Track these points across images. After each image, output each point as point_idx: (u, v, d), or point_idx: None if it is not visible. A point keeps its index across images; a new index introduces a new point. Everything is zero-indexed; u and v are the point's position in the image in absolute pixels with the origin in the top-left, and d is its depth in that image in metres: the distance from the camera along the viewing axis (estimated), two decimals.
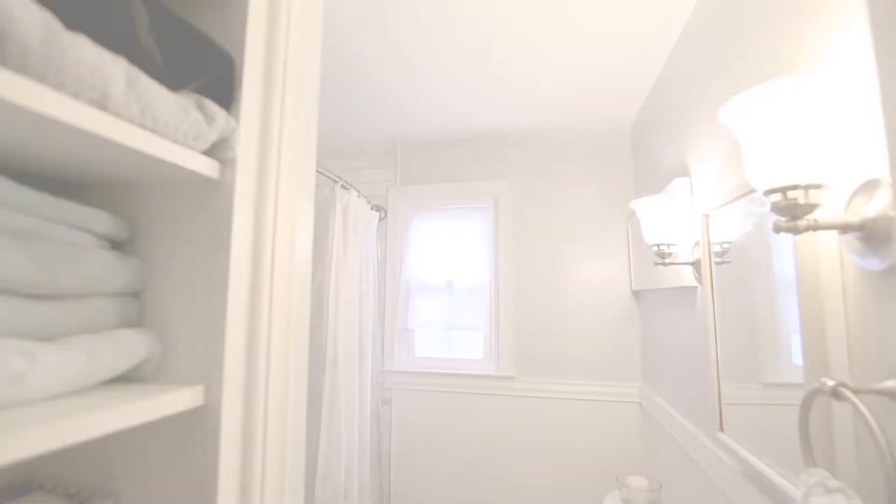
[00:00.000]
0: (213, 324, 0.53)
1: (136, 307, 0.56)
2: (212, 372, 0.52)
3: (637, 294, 2.03)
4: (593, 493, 1.97)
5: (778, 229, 0.57)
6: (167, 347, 0.55)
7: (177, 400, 0.48)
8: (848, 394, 0.51)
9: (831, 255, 0.64)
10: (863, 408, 0.49)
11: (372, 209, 2.15)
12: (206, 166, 0.52)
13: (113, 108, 0.41)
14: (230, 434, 0.52)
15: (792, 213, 0.57)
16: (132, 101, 0.43)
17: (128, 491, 0.56)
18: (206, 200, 0.56)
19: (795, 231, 0.56)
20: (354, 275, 1.84)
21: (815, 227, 0.56)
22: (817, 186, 0.55)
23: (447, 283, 2.29)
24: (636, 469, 1.89)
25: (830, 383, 0.53)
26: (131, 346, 0.50)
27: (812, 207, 0.56)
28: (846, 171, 0.61)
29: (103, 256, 0.51)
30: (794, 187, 0.55)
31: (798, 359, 0.80)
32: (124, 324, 0.54)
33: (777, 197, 0.57)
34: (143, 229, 0.60)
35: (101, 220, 0.52)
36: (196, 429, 0.52)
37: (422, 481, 2.16)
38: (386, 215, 2.33)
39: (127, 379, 0.54)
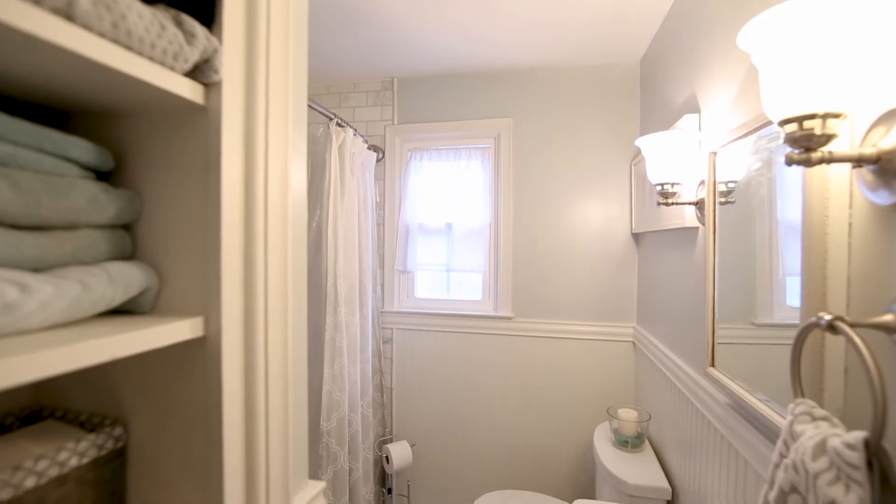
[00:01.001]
0: (208, 256, 0.52)
1: (128, 240, 0.55)
2: (210, 304, 0.52)
3: (637, 237, 2.03)
4: (586, 425, 2.08)
5: (790, 162, 0.55)
6: (164, 281, 0.55)
7: (176, 330, 0.48)
8: (844, 327, 0.51)
9: (841, 189, 0.62)
10: (857, 339, 0.49)
11: (369, 149, 2.09)
12: (188, 89, 0.49)
13: (81, 19, 0.37)
14: (232, 365, 0.53)
15: (806, 145, 0.54)
16: (102, 12, 0.39)
17: (136, 419, 0.58)
18: (193, 129, 0.53)
19: (808, 164, 0.54)
20: (353, 216, 1.82)
21: (829, 160, 0.54)
22: (836, 115, 0.52)
23: (446, 226, 2.27)
24: (627, 404, 1.98)
25: (827, 317, 0.53)
26: (126, 278, 0.49)
27: (828, 139, 0.54)
28: (867, 101, 0.58)
29: (88, 187, 0.49)
30: (812, 116, 0.53)
31: (792, 300, 0.81)
32: (117, 256, 0.53)
33: (792, 127, 0.55)
34: (130, 161, 0.57)
35: (81, 149, 0.49)
36: (198, 360, 0.53)
37: (422, 414, 2.27)
38: (384, 156, 2.27)
39: (126, 313, 0.54)
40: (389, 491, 2.25)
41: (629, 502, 1.40)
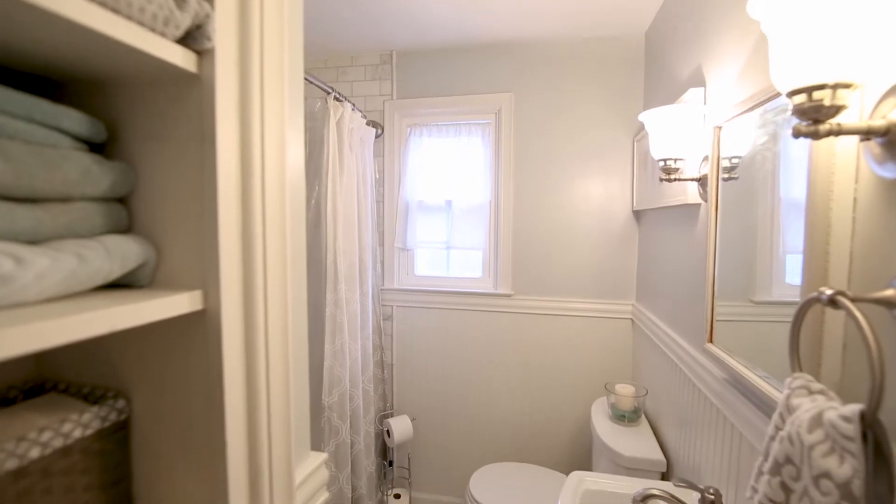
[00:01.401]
0: (206, 230, 0.52)
1: (124, 213, 0.55)
2: (209, 278, 0.52)
3: (638, 214, 2.02)
4: (584, 400, 2.11)
5: (797, 134, 0.54)
6: (162, 255, 0.54)
7: (174, 304, 0.48)
8: (845, 301, 0.51)
9: (847, 163, 0.61)
10: (858, 314, 0.49)
11: (368, 125, 2.06)
12: (180, 57, 0.47)
13: None
14: (232, 337, 0.53)
15: (815, 117, 0.53)
16: None
17: (139, 392, 0.59)
18: (187, 99, 0.52)
19: (816, 136, 0.53)
20: (352, 192, 1.81)
21: (838, 132, 0.53)
22: (847, 86, 0.51)
23: (446, 203, 2.26)
24: (625, 379, 2.01)
25: (829, 292, 0.53)
26: (123, 251, 0.49)
27: (837, 110, 0.53)
28: (878, 71, 0.56)
29: (81, 158, 0.48)
30: (822, 86, 0.51)
31: (791, 278, 0.81)
32: (113, 230, 0.53)
33: (801, 98, 0.53)
34: (123, 133, 0.56)
35: (73, 119, 0.48)
36: (198, 333, 0.53)
37: (422, 390, 2.30)
38: (383, 132, 2.24)
39: (124, 287, 0.54)
40: (391, 463, 2.30)
41: (625, 474, 1.43)
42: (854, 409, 0.47)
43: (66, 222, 0.47)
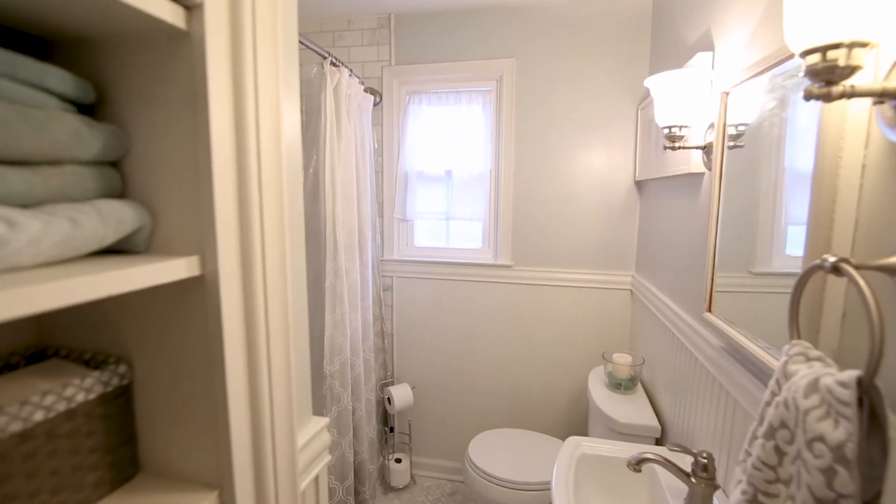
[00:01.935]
0: (201, 194, 0.51)
1: (117, 178, 0.54)
2: (206, 243, 0.51)
3: (640, 184, 2.00)
4: (581, 369, 2.14)
5: (809, 97, 0.52)
6: (157, 220, 0.54)
7: (171, 269, 0.47)
8: (848, 268, 0.51)
9: (858, 128, 0.59)
10: (861, 280, 0.48)
11: (366, 91, 2.01)
12: (168, 12, 0.45)
13: None
14: (231, 303, 0.53)
15: (828, 78, 0.51)
16: None
17: (140, 358, 0.59)
18: (177, 57, 0.50)
19: (828, 98, 0.52)
20: (350, 162, 1.78)
21: (850, 94, 0.51)
22: (863, 44, 0.49)
23: (446, 173, 2.23)
24: (622, 349, 2.03)
25: (832, 259, 0.53)
26: (117, 216, 0.48)
27: (851, 71, 0.51)
28: (894, 32, 0.54)
29: (70, 120, 0.47)
30: (837, 45, 0.49)
31: (791, 250, 0.81)
32: (107, 194, 0.52)
33: (815, 58, 0.51)
34: (113, 94, 0.55)
35: (58, 78, 0.46)
36: (197, 299, 0.53)
37: (422, 359, 2.33)
38: (381, 100, 2.19)
39: (120, 253, 0.53)
40: (391, 430, 2.36)
41: (620, 440, 1.46)
42: (851, 374, 0.47)
43: (57, 186, 0.46)
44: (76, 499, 0.53)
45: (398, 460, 2.27)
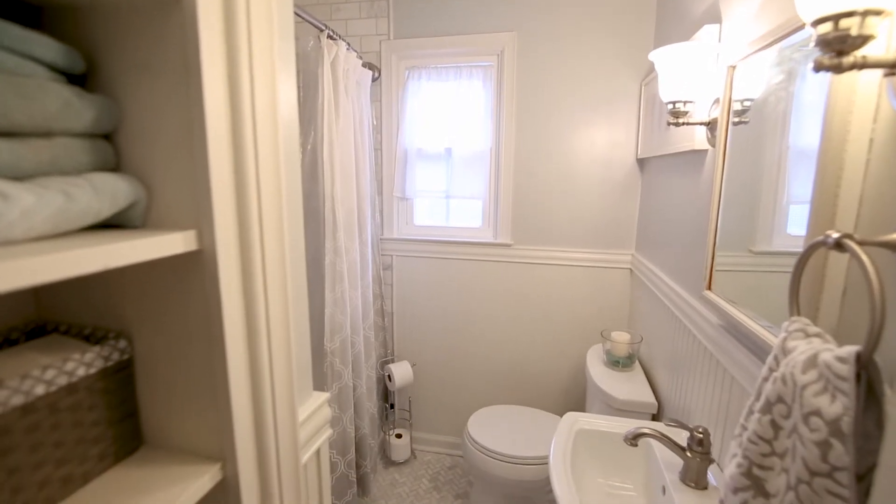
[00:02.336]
0: (197, 168, 0.50)
1: (110, 151, 0.53)
2: (203, 218, 0.50)
3: (642, 162, 1.98)
4: (580, 347, 2.16)
5: (819, 67, 0.51)
6: (153, 195, 0.53)
7: (168, 243, 0.47)
8: (852, 244, 0.50)
9: (867, 101, 0.58)
10: (864, 256, 0.48)
11: (364, 66, 1.97)
12: None
13: None
14: (229, 278, 0.52)
15: (839, 48, 0.50)
16: None
17: (140, 333, 0.59)
18: (168, 26, 0.48)
19: (839, 69, 0.50)
20: (349, 139, 1.75)
21: (862, 65, 0.50)
22: (877, 12, 0.47)
23: (446, 151, 2.20)
24: (621, 327, 2.05)
25: (835, 235, 0.52)
26: (112, 189, 0.47)
27: (864, 41, 0.49)
28: None
29: (59, 90, 0.46)
30: (850, 14, 0.48)
31: (793, 229, 0.81)
32: (100, 168, 0.51)
33: (827, 27, 0.50)
34: (103, 65, 0.53)
35: (45, 46, 0.45)
36: (196, 273, 0.53)
37: (422, 337, 2.35)
38: (380, 75, 2.14)
39: (116, 227, 0.53)
40: (392, 406, 2.39)
41: (617, 416, 1.48)
42: (850, 350, 0.47)
43: (49, 158, 0.46)
44: (81, 471, 0.54)
45: (398, 435, 2.32)
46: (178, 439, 0.60)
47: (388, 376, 2.25)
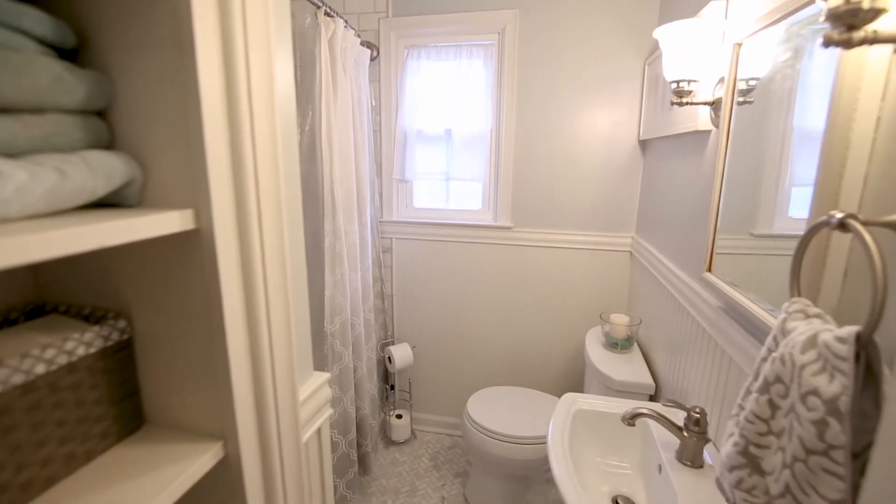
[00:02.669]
0: (192, 146, 0.49)
1: (104, 128, 0.52)
2: (200, 197, 0.50)
3: (644, 144, 1.96)
4: (579, 329, 2.17)
5: (829, 42, 0.49)
6: (149, 173, 0.52)
7: (164, 221, 0.46)
8: (855, 224, 0.50)
9: (876, 78, 0.57)
10: (867, 236, 0.48)
11: (362, 45, 1.93)
12: None
13: None
14: (228, 257, 0.52)
15: (850, 22, 0.48)
16: None
17: (139, 313, 0.59)
18: None
19: (848, 45, 0.49)
20: (347, 119, 1.73)
21: (873, 40, 0.49)
22: None
23: (446, 132, 2.18)
24: (620, 310, 2.05)
25: (839, 215, 0.52)
26: (106, 167, 0.47)
27: (875, 14, 0.48)
28: None
29: (49, 64, 0.45)
30: None
31: (794, 212, 0.80)
32: (94, 145, 0.50)
33: (838, 0, 0.48)
34: (95, 40, 0.52)
35: (34, 19, 0.44)
36: (194, 253, 0.52)
37: (422, 320, 2.36)
38: (378, 54, 2.11)
39: (112, 207, 0.52)
40: (392, 387, 2.42)
41: (615, 397, 1.50)
42: (850, 330, 0.47)
43: (41, 135, 0.45)
44: (84, 449, 0.54)
45: (399, 416, 2.34)
46: (179, 418, 0.60)
47: (389, 358, 2.26)
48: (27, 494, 0.48)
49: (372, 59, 2.09)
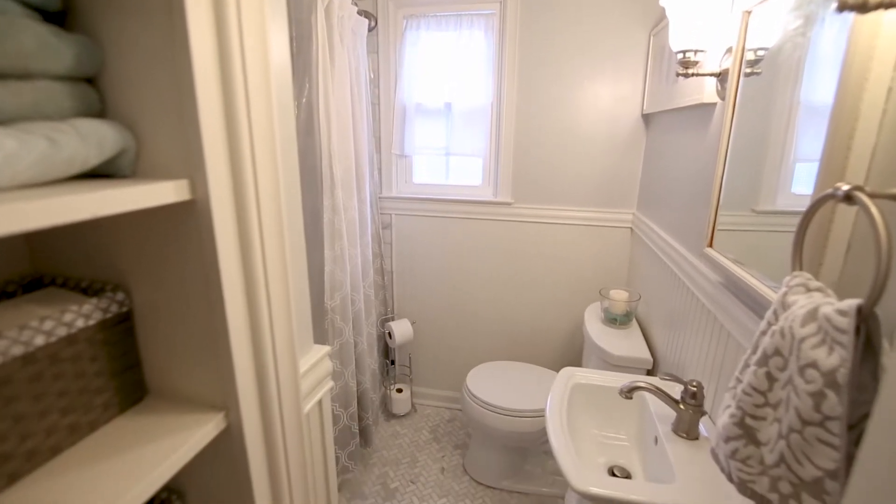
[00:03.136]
0: (185, 114, 0.48)
1: (94, 96, 0.50)
2: (195, 167, 0.49)
3: (647, 118, 1.92)
4: (578, 305, 2.18)
5: (843, 7, 0.48)
6: (142, 143, 0.51)
7: (159, 191, 0.45)
8: (862, 196, 0.49)
9: (889, 46, 0.55)
10: (873, 209, 0.47)
11: (359, 14, 1.88)
12: None
13: None
14: (225, 228, 0.51)
15: None
16: None
17: (138, 286, 0.59)
18: None
19: (864, 9, 0.47)
20: (345, 92, 1.70)
21: (889, 4, 0.47)
22: None
23: (446, 106, 2.14)
24: (620, 286, 2.06)
25: (845, 187, 0.51)
26: (98, 136, 0.45)
27: None
28: None
29: (34, 28, 0.43)
30: None
31: (798, 187, 0.79)
32: (85, 113, 0.49)
33: None
34: (80, 4, 0.50)
35: None
36: (191, 224, 0.52)
37: (422, 295, 2.37)
38: (376, 24, 2.05)
39: (106, 178, 0.51)
40: (392, 362, 2.45)
41: (613, 371, 1.52)
42: (852, 303, 0.47)
43: (30, 102, 0.43)
44: (87, 419, 0.55)
45: (399, 390, 2.38)
46: (181, 389, 0.61)
47: (389, 334, 2.28)
48: (32, 463, 0.49)
49: (370, 30, 2.03)
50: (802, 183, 0.77)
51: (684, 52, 1.08)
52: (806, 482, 0.50)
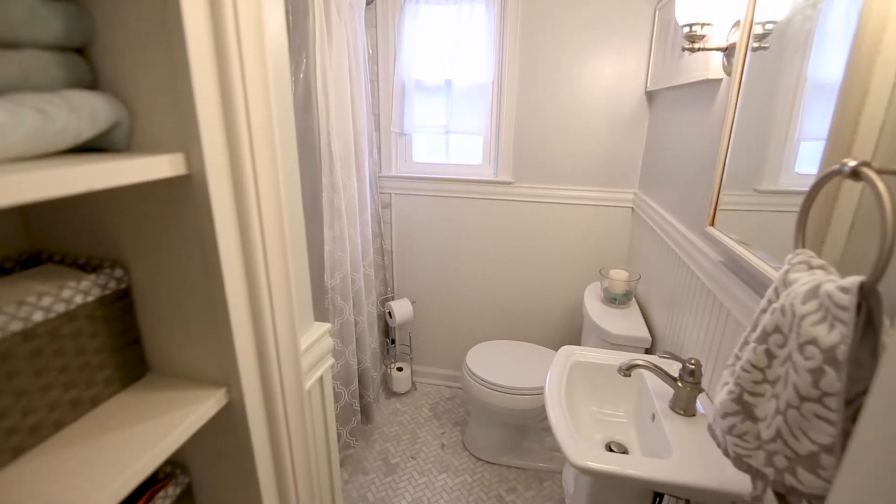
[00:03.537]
0: (180, 88, 0.46)
1: (85, 67, 0.49)
2: (190, 141, 0.48)
3: (651, 95, 1.89)
4: (578, 284, 2.19)
5: None
6: (136, 117, 0.50)
7: (154, 165, 0.45)
8: (868, 172, 0.48)
9: None
10: (880, 184, 0.46)
11: None
12: None
13: None
14: (222, 203, 0.51)
15: None
16: None
17: (136, 262, 0.58)
18: None
19: None
20: (343, 68, 1.66)
21: None
22: None
23: (446, 83, 2.10)
24: (620, 265, 2.06)
25: (852, 163, 0.50)
26: (90, 108, 0.44)
27: None
28: None
29: None
30: None
31: (801, 167, 0.79)
32: (76, 85, 0.47)
33: None
34: None
35: None
36: (188, 199, 0.51)
37: (422, 275, 2.38)
38: None
39: (99, 151, 0.50)
40: (393, 341, 2.47)
41: (611, 349, 1.53)
42: (854, 280, 0.46)
43: (20, 73, 0.42)
44: (89, 395, 0.55)
45: (399, 369, 2.41)
46: (182, 366, 0.61)
47: (389, 313, 2.29)
48: (36, 437, 0.49)
49: (368, 3, 1.98)
50: (806, 163, 0.76)
51: (691, 25, 1.06)
52: (801, 456, 0.51)
